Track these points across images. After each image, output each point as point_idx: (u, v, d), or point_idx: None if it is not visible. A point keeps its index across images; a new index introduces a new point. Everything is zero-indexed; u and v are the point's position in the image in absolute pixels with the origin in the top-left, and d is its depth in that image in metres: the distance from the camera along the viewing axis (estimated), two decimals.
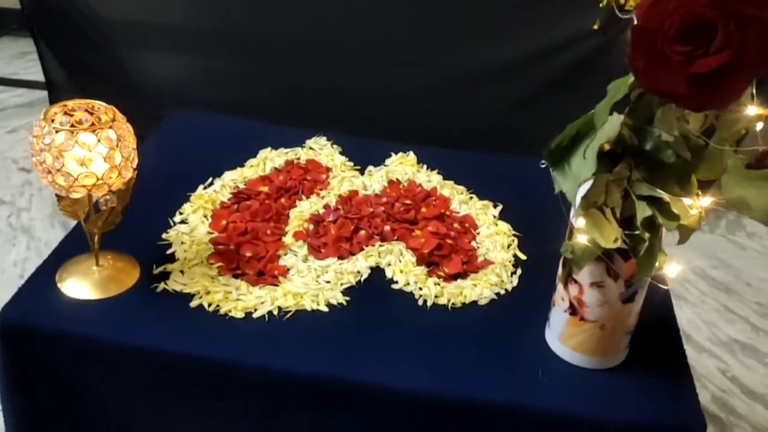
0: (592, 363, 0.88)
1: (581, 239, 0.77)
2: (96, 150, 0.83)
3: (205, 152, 1.25)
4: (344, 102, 2.11)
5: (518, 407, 0.85)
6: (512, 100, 2.08)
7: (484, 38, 2.03)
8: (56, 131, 0.82)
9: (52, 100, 2.24)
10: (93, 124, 0.86)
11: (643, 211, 0.70)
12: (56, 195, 0.89)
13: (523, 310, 0.97)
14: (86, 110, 0.87)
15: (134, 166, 0.88)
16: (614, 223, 0.75)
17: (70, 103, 0.87)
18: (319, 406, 0.88)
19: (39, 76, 2.39)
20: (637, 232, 0.74)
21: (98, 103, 0.88)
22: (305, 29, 2.06)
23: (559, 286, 0.87)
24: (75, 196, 0.86)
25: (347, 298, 0.97)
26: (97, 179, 0.84)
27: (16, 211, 2.06)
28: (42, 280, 0.95)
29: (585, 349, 0.87)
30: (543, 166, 0.76)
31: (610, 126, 0.70)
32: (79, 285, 0.94)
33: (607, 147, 0.73)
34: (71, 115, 0.86)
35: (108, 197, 0.88)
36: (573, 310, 0.85)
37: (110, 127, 0.85)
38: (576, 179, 0.72)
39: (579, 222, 0.78)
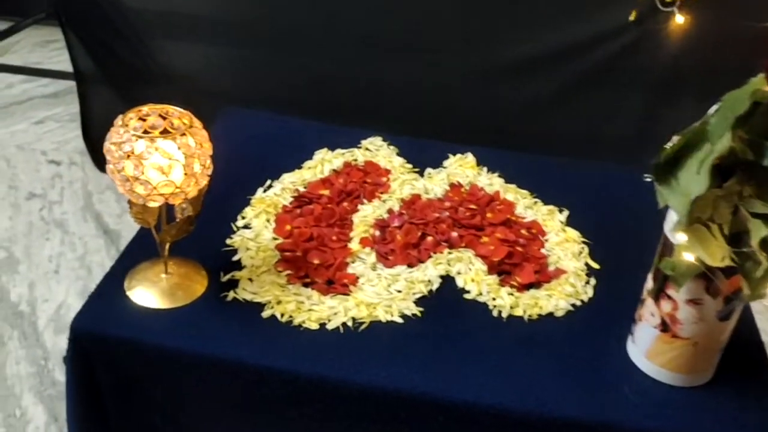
0: (680, 380, 0.86)
1: (686, 256, 0.74)
2: (175, 158, 0.80)
3: (260, 152, 1.22)
4: (373, 96, 2.08)
5: (604, 426, 0.82)
6: (540, 97, 2.04)
7: (511, 33, 1.99)
8: (136, 138, 0.79)
9: (81, 91, 2.21)
10: (166, 130, 0.83)
11: (758, 230, 0.68)
12: (129, 202, 0.86)
13: (601, 323, 0.94)
14: (160, 115, 0.84)
15: (209, 173, 0.86)
16: (721, 240, 0.72)
17: (145, 108, 0.84)
18: (399, 421, 0.86)
19: (64, 65, 2.35)
20: (745, 250, 0.71)
21: (173, 108, 0.85)
22: (333, 21, 2.02)
23: (649, 302, 0.84)
24: (152, 205, 0.83)
25: (420, 309, 0.94)
26: (176, 188, 0.82)
27: (48, 205, 2.04)
28: (111, 288, 0.93)
29: (674, 367, 0.85)
30: (648, 180, 0.73)
31: (724, 139, 0.67)
32: (149, 293, 0.92)
33: (716, 160, 0.70)
34: (144, 120, 0.83)
35: (184, 206, 0.85)
36: (664, 327, 0.83)
37: (189, 134, 0.82)
38: (686, 195, 0.69)
39: (679, 237, 0.75)
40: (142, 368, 0.89)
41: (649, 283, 0.85)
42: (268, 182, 1.14)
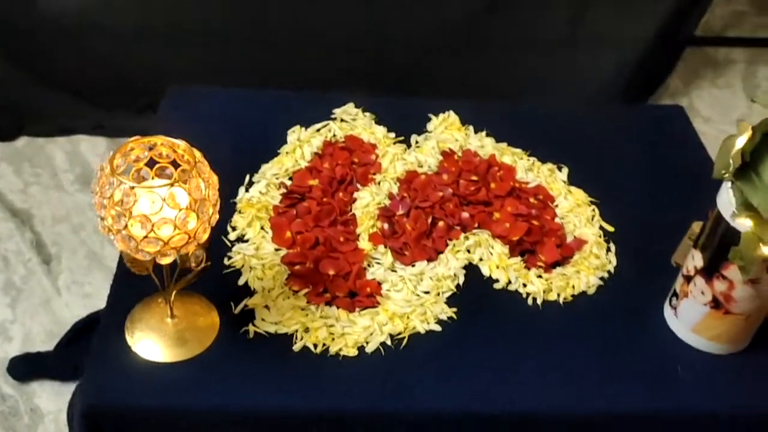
0: (725, 349, 0.86)
1: (765, 250, 0.71)
2: (188, 206, 0.67)
3: (225, 139, 1.08)
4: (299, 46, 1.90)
5: (671, 414, 0.81)
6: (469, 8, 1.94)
7: None
8: (135, 192, 0.65)
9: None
10: (159, 166, 0.69)
11: None
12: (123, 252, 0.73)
13: (635, 296, 0.92)
14: (150, 148, 0.70)
15: (218, 207, 0.73)
16: None
17: (131, 145, 0.69)
18: None
19: None
20: None
21: (162, 139, 0.71)
22: None
23: (699, 280, 0.82)
24: (165, 262, 0.70)
25: (454, 310, 0.88)
26: (190, 238, 0.69)
27: None
28: (111, 343, 0.80)
29: (722, 339, 0.84)
30: (729, 183, 0.68)
31: None
32: (157, 345, 0.80)
33: None
34: (137, 161, 0.69)
35: (198, 253, 0.73)
36: (716, 304, 0.81)
37: (197, 172, 0.68)
38: None
39: (745, 224, 0.72)
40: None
41: (697, 260, 0.82)
42: (247, 178, 1.01)
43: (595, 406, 0.81)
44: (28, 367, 1.52)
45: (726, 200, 0.76)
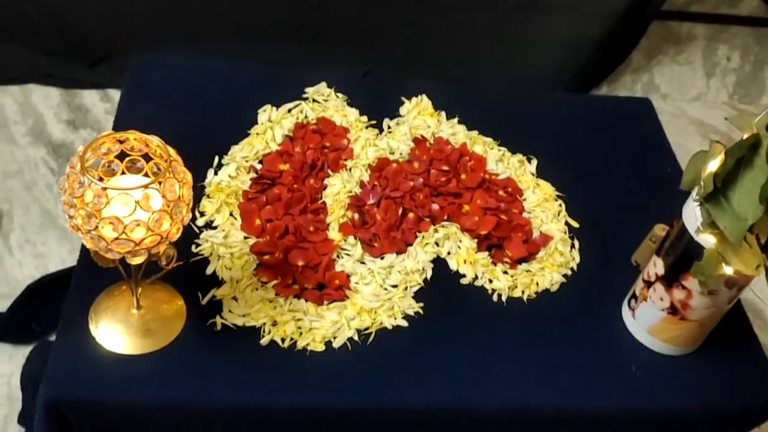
0: (679, 351, 0.89)
1: (726, 270, 0.73)
2: (162, 208, 0.65)
3: (194, 115, 1.05)
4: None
5: (626, 411, 0.85)
6: None
7: None
8: (106, 194, 0.63)
9: None
10: (131, 162, 0.67)
11: None
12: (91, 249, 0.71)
13: (595, 293, 0.94)
14: (120, 142, 0.68)
15: (191, 205, 0.71)
16: (757, 249, 0.72)
17: (102, 140, 0.67)
18: None
19: None
20: None
21: (135, 134, 0.68)
22: None
23: (658, 287, 0.84)
24: (136, 261, 0.69)
25: (421, 305, 0.90)
26: (162, 238, 0.68)
27: None
28: (75, 333, 0.79)
29: (675, 341, 0.88)
30: (684, 208, 0.69)
31: None
32: (122, 337, 0.79)
33: None
34: (107, 154, 0.67)
35: (170, 252, 0.71)
36: (673, 311, 0.84)
37: (171, 172, 0.66)
38: (741, 219, 0.67)
39: (708, 240, 0.74)
40: (135, 428, 0.78)
41: (658, 268, 0.85)
42: (216, 159, 0.99)
43: (551, 401, 0.84)
44: None
45: (691, 213, 0.78)
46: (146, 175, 0.72)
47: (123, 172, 0.72)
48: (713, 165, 0.70)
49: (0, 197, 1.73)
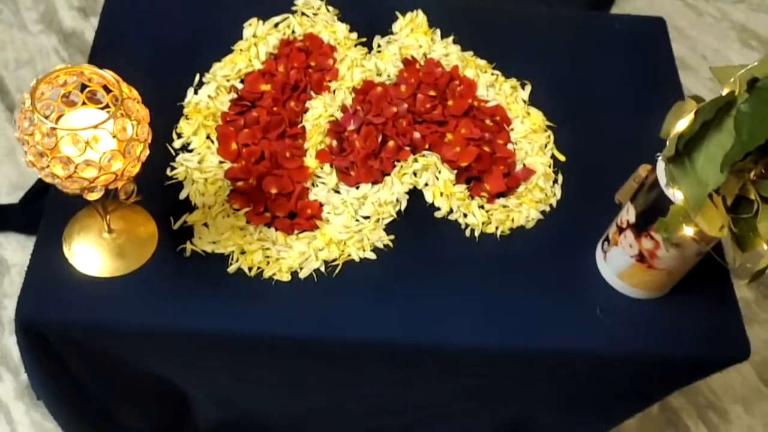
0: (646, 296, 0.89)
1: (686, 230, 0.71)
2: (113, 148, 0.66)
3: (175, 29, 1.02)
4: None
5: (584, 351, 0.86)
6: None
7: None
8: (57, 133, 0.63)
9: None
10: (91, 92, 0.67)
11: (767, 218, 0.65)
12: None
13: (571, 232, 0.93)
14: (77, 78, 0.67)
15: (149, 140, 0.71)
16: (722, 210, 0.69)
17: (58, 74, 0.66)
18: (383, 370, 0.86)
19: None
20: (744, 216, 0.69)
21: (88, 69, 0.67)
22: None
23: (629, 234, 0.83)
24: (92, 197, 0.70)
25: (391, 237, 0.90)
26: (117, 176, 0.68)
27: None
28: (48, 256, 0.82)
29: (644, 287, 0.87)
30: (658, 157, 0.66)
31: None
32: (95, 259, 0.82)
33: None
34: (63, 87, 0.66)
35: (128, 187, 0.72)
36: (642, 258, 0.83)
37: (124, 110, 0.66)
38: (702, 185, 0.64)
39: (676, 195, 0.72)
40: (106, 349, 0.83)
41: (630, 215, 0.83)
42: (197, 77, 0.98)
43: (507, 341, 0.86)
44: None
45: (659, 157, 0.75)
46: (107, 106, 0.72)
47: (84, 103, 0.72)
48: (682, 124, 0.67)
49: (13, 87, 1.75)
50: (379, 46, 1.06)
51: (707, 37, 2.19)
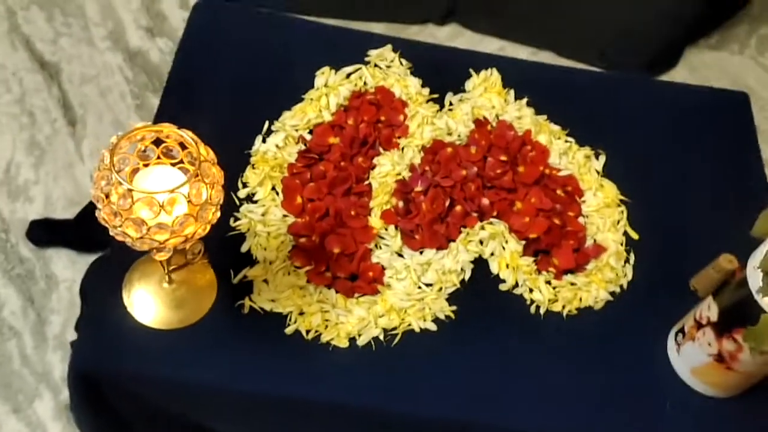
0: (720, 394, 0.84)
1: None
2: (186, 213, 0.64)
3: (246, 72, 1.01)
4: None
5: None
6: None
7: None
8: (131, 196, 0.62)
9: None
10: (166, 148, 0.66)
11: None
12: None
13: (640, 317, 0.89)
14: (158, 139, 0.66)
15: (221, 203, 0.70)
16: None
17: (140, 134, 0.65)
18: None
19: None
20: None
21: (169, 129, 0.66)
22: None
23: (708, 332, 0.79)
24: (160, 258, 0.68)
25: (453, 308, 0.87)
26: (186, 238, 0.67)
27: None
28: (109, 304, 0.81)
29: (719, 387, 0.83)
30: (750, 262, 0.62)
31: None
32: (153, 310, 0.81)
33: None
34: (145, 150, 0.65)
35: (195, 249, 0.71)
36: (720, 359, 0.79)
37: (200, 174, 0.64)
38: None
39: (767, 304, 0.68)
40: (160, 401, 0.81)
41: (711, 312, 0.78)
42: (266, 124, 0.96)
43: (574, 430, 0.82)
44: (47, 233, 1.55)
45: (757, 266, 0.71)
46: (181, 161, 0.70)
47: (158, 157, 0.71)
48: None
49: (76, 102, 1.77)
50: (450, 104, 1.03)
51: None
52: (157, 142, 0.70)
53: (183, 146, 0.70)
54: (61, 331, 1.45)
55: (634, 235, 0.96)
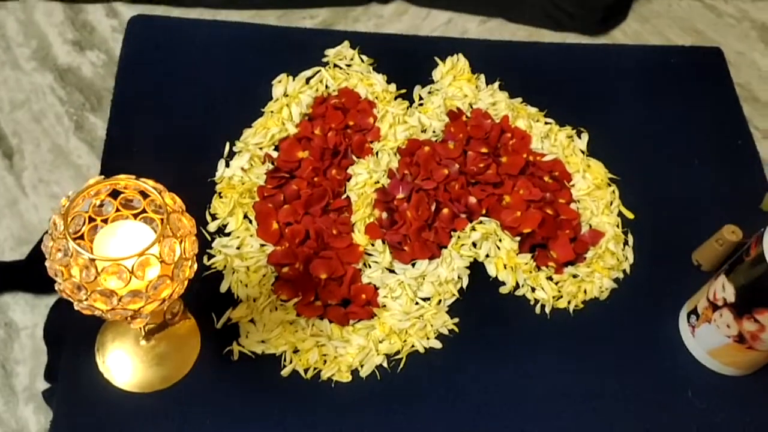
0: (740, 373, 0.81)
1: None
2: (161, 274, 0.57)
3: (198, 89, 0.93)
4: None
5: None
6: None
7: None
8: (92, 260, 0.54)
9: None
10: (125, 200, 0.58)
11: None
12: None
13: (648, 300, 0.85)
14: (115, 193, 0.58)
15: (195, 254, 0.62)
16: None
17: (93, 189, 0.57)
18: None
19: None
20: None
21: (127, 181, 0.58)
22: None
23: (726, 314, 0.75)
24: (135, 326, 0.61)
25: (456, 320, 0.81)
26: (161, 302, 0.59)
27: None
28: (82, 368, 0.73)
29: (739, 366, 0.79)
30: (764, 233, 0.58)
31: None
32: (131, 371, 0.73)
33: None
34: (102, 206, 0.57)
35: (174, 309, 0.63)
36: (741, 339, 0.75)
37: (170, 229, 0.57)
38: None
39: None
40: None
41: (727, 293, 0.74)
42: (227, 146, 0.88)
43: (603, 429, 0.77)
44: None
45: None
46: (144, 211, 0.63)
47: (117, 209, 0.63)
48: None
49: (9, 130, 1.64)
50: (420, 98, 0.97)
51: (729, 39, 2.11)
52: (114, 193, 0.63)
53: (144, 194, 0.62)
54: (30, 382, 1.35)
55: (630, 215, 0.91)
